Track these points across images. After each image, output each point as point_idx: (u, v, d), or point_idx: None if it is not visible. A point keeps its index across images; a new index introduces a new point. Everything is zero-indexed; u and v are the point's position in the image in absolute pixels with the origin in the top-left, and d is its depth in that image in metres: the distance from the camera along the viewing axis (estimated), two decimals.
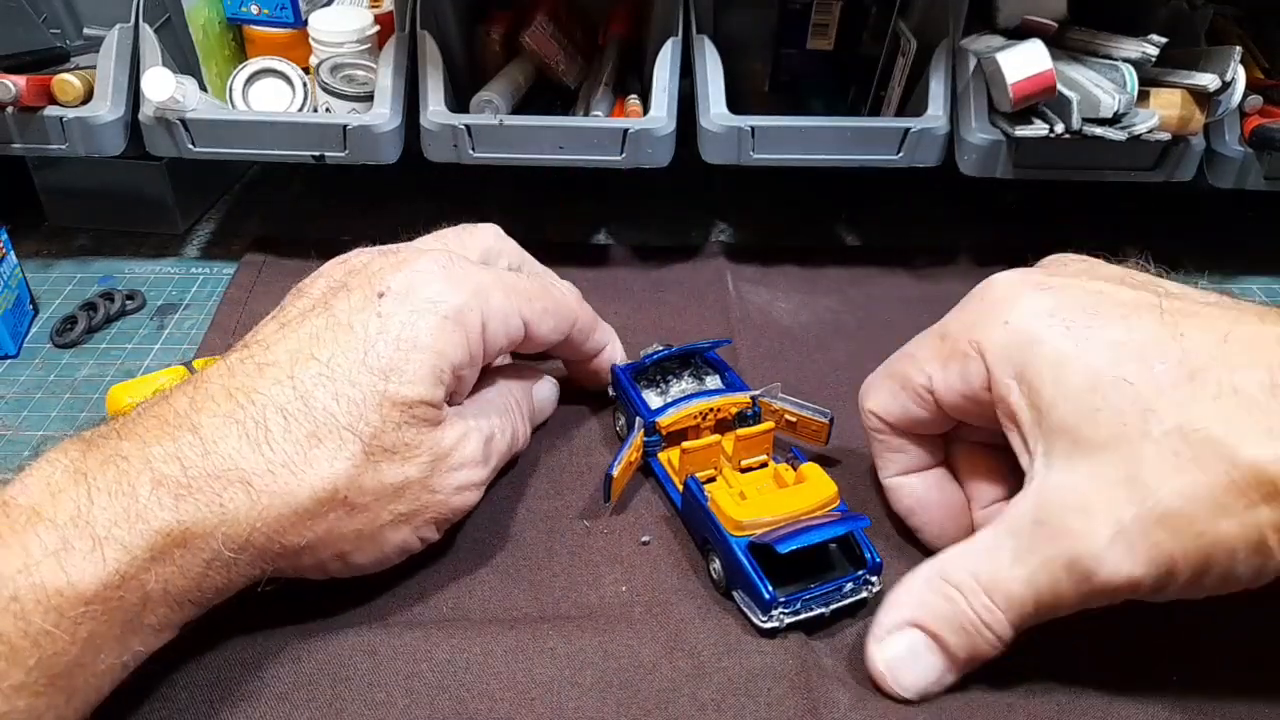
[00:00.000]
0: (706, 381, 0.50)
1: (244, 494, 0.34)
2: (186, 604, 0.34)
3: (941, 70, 0.59)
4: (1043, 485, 0.35)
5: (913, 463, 0.43)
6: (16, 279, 0.57)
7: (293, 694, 0.37)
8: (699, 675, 0.38)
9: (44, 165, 0.67)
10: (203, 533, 0.33)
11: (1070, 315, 0.36)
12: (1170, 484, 0.32)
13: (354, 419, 0.36)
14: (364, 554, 0.38)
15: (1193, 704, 0.37)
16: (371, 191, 0.74)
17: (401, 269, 0.40)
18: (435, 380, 0.38)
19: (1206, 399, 0.32)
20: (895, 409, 0.41)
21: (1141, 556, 0.33)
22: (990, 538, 0.36)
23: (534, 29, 0.64)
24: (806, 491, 0.42)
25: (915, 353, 0.41)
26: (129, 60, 0.59)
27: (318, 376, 0.37)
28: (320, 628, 0.39)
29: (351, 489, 0.36)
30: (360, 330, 0.38)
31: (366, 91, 0.60)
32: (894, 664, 0.37)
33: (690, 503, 0.43)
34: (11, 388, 0.54)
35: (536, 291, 0.44)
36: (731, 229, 0.72)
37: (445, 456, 0.39)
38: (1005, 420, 0.37)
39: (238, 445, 0.35)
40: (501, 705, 0.37)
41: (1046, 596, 0.35)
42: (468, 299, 0.40)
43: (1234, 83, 0.54)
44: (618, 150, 0.58)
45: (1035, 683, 0.38)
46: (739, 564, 0.39)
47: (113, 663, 0.32)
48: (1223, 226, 0.71)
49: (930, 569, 0.37)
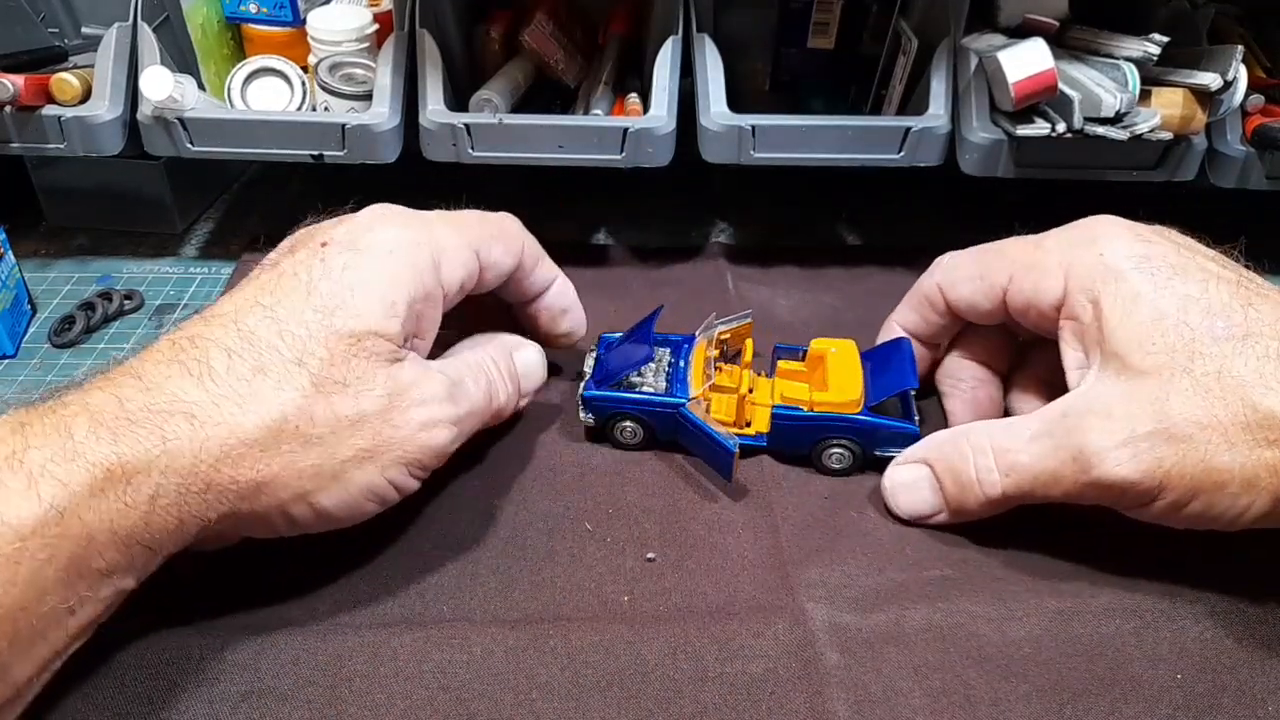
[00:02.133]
0: (664, 355, 0.50)
1: (186, 425, 0.34)
2: (136, 546, 0.33)
3: (943, 69, 0.59)
4: (1087, 389, 0.40)
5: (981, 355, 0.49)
6: (14, 279, 0.57)
7: (293, 694, 0.37)
8: (701, 678, 0.38)
9: (42, 165, 0.67)
10: (144, 466, 0.33)
11: (1157, 266, 0.40)
12: (1191, 412, 0.37)
13: (301, 352, 0.36)
14: (329, 495, 0.37)
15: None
16: (370, 191, 0.73)
17: (343, 222, 0.42)
18: (385, 313, 0.38)
19: (1252, 357, 0.37)
20: (964, 292, 0.46)
21: (1141, 464, 0.37)
22: (1019, 420, 0.42)
23: (534, 28, 0.64)
24: (828, 364, 0.48)
25: (1006, 250, 0.46)
26: (127, 59, 0.59)
27: (262, 319, 0.37)
28: (320, 628, 0.39)
29: (302, 419, 0.36)
30: (305, 276, 0.38)
31: (365, 90, 0.60)
32: (898, 487, 0.45)
33: (791, 421, 0.47)
34: (9, 388, 0.54)
35: (477, 220, 0.45)
36: (731, 229, 0.71)
37: (403, 391, 0.38)
38: (1069, 337, 0.42)
39: (180, 383, 0.35)
40: (502, 705, 0.37)
41: (1045, 477, 0.40)
42: (413, 234, 0.41)
43: (1236, 82, 0.54)
44: (618, 149, 0.58)
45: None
46: (882, 425, 0.46)
47: (59, 607, 0.31)
48: (1224, 226, 0.70)
49: (961, 429, 0.44)
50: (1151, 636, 0.40)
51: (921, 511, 0.44)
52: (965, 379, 0.50)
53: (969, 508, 0.43)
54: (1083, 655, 0.39)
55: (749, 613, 0.40)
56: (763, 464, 0.48)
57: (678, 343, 0.51)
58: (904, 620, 0.40)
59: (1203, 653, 0.39)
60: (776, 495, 0.46)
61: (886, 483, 0.45)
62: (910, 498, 0.44)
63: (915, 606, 0.41)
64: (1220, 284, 0.39)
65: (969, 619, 0.40)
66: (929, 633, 0.40)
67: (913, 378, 0.47)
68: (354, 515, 0.39)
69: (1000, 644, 0.39)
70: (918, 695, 0.37)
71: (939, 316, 0.49)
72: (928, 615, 0.40)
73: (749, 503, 0.46)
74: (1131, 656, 0.39)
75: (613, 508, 0.46)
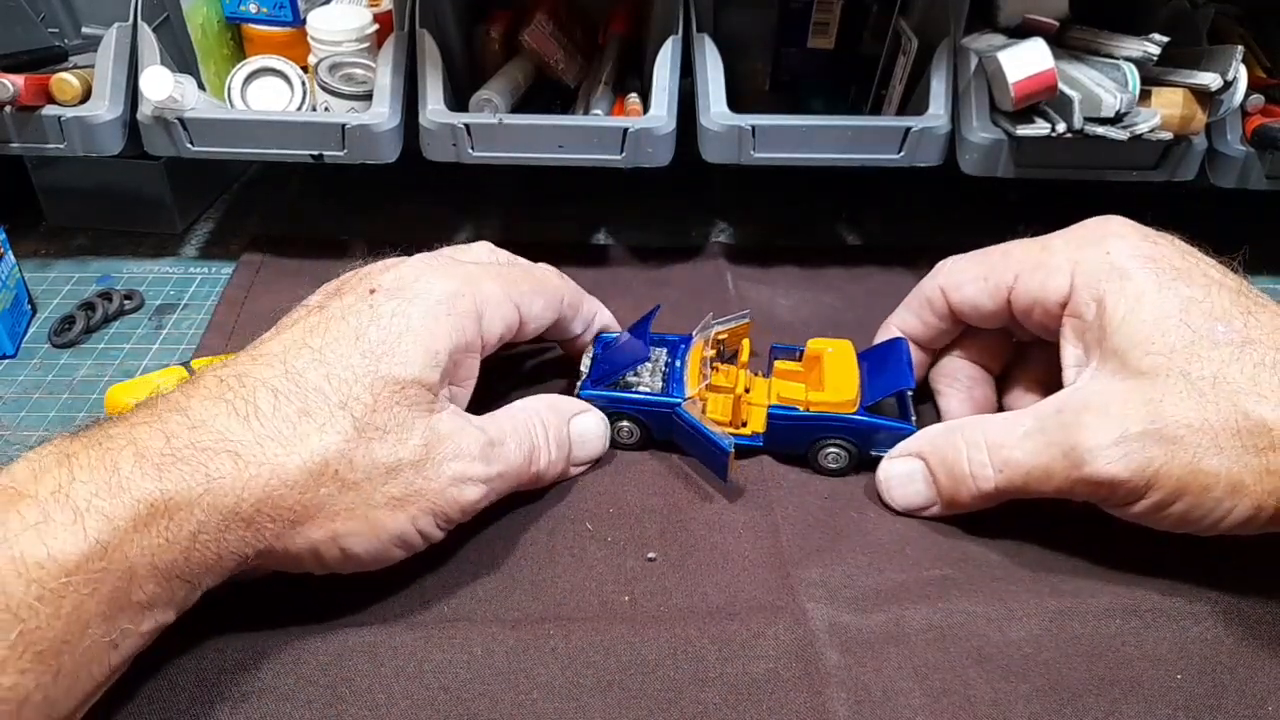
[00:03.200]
0: (661, 355, 0.50)
1: (231, 463, 0.34)
2: (176, 580, 0.33)
3: (943, 69, 0.59)
4: (1083, 386, 0.41)
5: (979, 357, 0.50)
6: (14, 279, 0.57)
7: (294, 694, 0.37)
8: (701, 678, 0.38)
9: (42, 165, 0.67)
10: (187, 502, 0.33)
11: (1162, 267, 0.41)
12: (1184, 414, 0.37)
13: (346, 396, 0.37)
14: (360, 540, 0.37)
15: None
16: (370, 191, 0.74)
17: (391, 269, 0.42)
18: (428, 362, 0.39)
19: (1248, 364, 0.37)
20: (969, 293, 0.46)
21: (1132, 463, 0.37)
22: (1014, 415, 0.43)
23: (533, 28, 0.64)
24: (825, 364, 0.48)
25: (1012, 251, 0.46)
26: (127, 59, 0.59)
27: (310, 361, 0.37)
28: (321, 628, 0.39)
29: (342, 464, 0.36)
30: (353, 320, 0.39)
31: (365, 90, 0.60)
32: (892, 480, 0.45)
33: (787, 421, 0.47)
34: (9, 388, 0.54)
35: (521, 275, 0.46)
36: (731, 229, 0.71)
37: (439, 442, 0.39)
38: (1070, 335, 0.43)
39: (226, 421, 0.35)
40: (502, 705, 0.37)
41: (1037, 472, 0.40)
42: (458, 286, 0.42)
43: (1236, 82, 0.54)
44: (618, 149, 0.58)
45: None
46: (878, 425, 0.46)
47: (100, 640, 0.32)
48: (1224, 227, 0.70)
49: (956, 423, 0.45)
50: (1152, 636, 0.40)
51: (915, 504, 0.45)
52: (961, 378, 0.50)
53: (961, 501, 0.43)
54: (1083, 655, 0.39)
55: (749, 613, 0.40)
56: (763, 464, 0.48)
57: (674, 343, 0.51)
58: (904, 620, 0.40)
59: (1203, 653, 0.39)
60: (777, 495, 0.46)
61: (881, 474, 0.46)
62: (904, 490, 0.45)
63: (915, 606, 0.41)
64: (1222, 290, 0.40)
65: (969, 619, 0.40)
66: (929, 633, 0.40)
67: (909, 378, 0.47)
68: (380, 561, 0.39)
69: (1000, 644, 0.39)
70: (918, 695, 0.37)
71: (938, 320, 0.49)
72: (928, 615, 0.40)
73: (749, 503, 0.46)
74: (1131, 656, 0.39)
75: (613, 508, 0.45)
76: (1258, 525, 0.38)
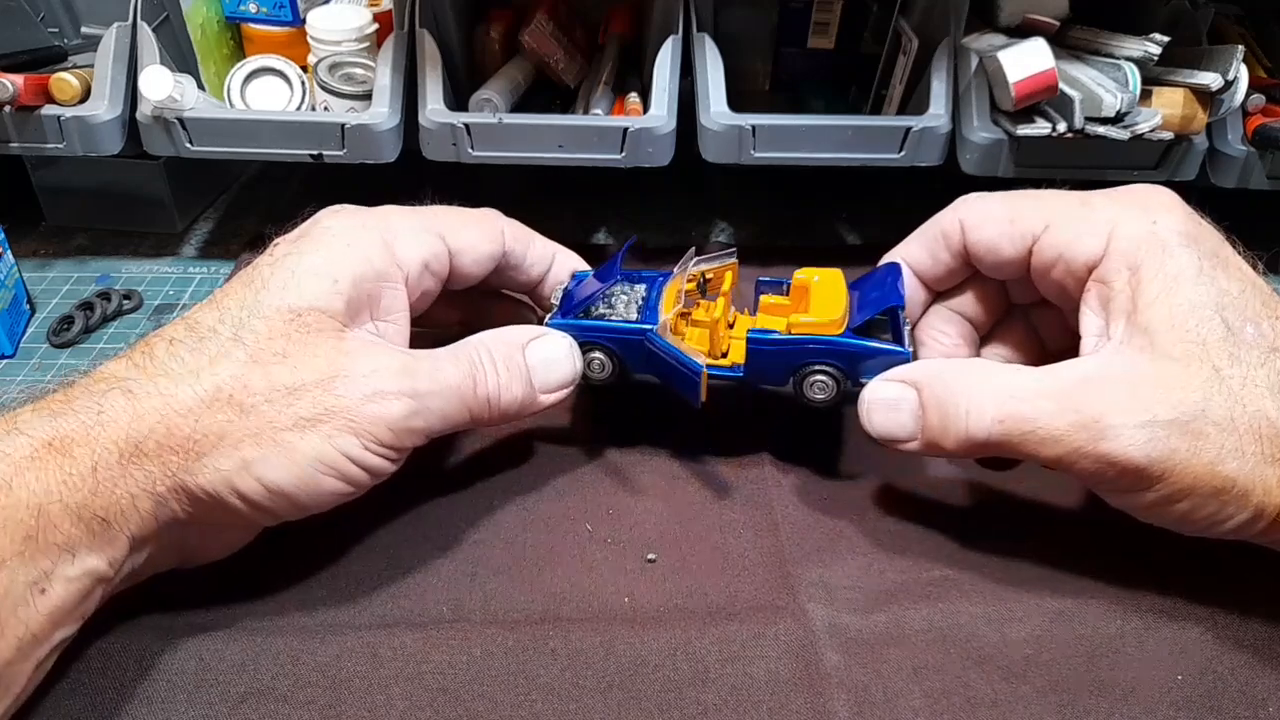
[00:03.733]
0: (639, 290, 0.48)
1: (122, 399, 0.35)
2: (93, 520, 0.33)
3: (943, 69, 0.59)
4: (1109, 358, 0.38)
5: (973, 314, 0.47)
6: (13, 278, 0.57)
7: (293, 695, 0.37)
8: (701, 679, 0.38)
9: (41, 164, 0.67)
10: (80, 437, 0.34)
11: (1205, 252, 0.39)
12: (1213, 410, 0.36)
13: (238, 328, 0.37)
14: (275, 467, 0.36)
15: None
16: (370, 191, 0.73)
17: (300, 227, 0.43)
18: (327, 290, 0.39)
19: (1273, 371, 0.37)
20: (989, 233, 0.44)
21: (1154, 450, 0.36)
22: (1028, 371, 0.39)
23: (533, 28, 0.64)
24: (811, 292, 0.45)
25: (1046, 198, 0.43)
26: (127, 59, 0.59)
27: (206, 310, 0.39)
28: (320, 629, 0.39)
29: (236, 388, 0.36)
30: (253, 272, 0.40)
31: (365, 90, 0.60)
32: (875, 402, 0.41)
33: (767, 345, 0.44)
34: (8, 387, 0.54)
35: (446, 210, 0.46)
36: (731, 229, 0.71)
37: (349, 360, 0.38)
38: (1095, 301, 0.40)
39: (122, 368, 0.37)
40: (501, 706, 0.37)
41: (1044, 434, 0.37)
42: (361, 220, 0.42)
43: (1236, 82, 0.54)
44: (618, 149, 0.58)
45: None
46: (866, 348, 0.43)
47: (23, 581, 0.32)
48: (1224, 227, 0.70)
49: (962, 361, 0.43)
50: (1152, 637, 0.39)
51: (893, 434, 0.41)
52: (950, 333, 0.47)
53: (944, 443, 0.39)
54: (1083, 656, 0.39)
55: (749, 613, 0.40)
56: (763, 464, 0.48)
57: (653, 277, 0.48)
58: (904, 620, 0.40)
59: (1203, 653, 0.39)
60: (777, 495, 0.46)
61: (866, 394, 0.42)
62: (886, 417, 0.41)
63: (915, 607, 0.41)
64: (1255, 289, 0.39)
65: (969, 619, 0.40)
66: (929, 633, 0.40)
67: (899, 296, 0.44)
68: (312, 492, 0.37)
69: (1000, 644, 0.39)
70: (918, 696, 0.37)
71: (950, 257, 0.46)
72: (928, 615, 0.40)
73: (749, 503, 0.46)
74: (1131, 657, 0.39)
75: (613, 508, 0.45)
76: (1248, 535, 0.37)
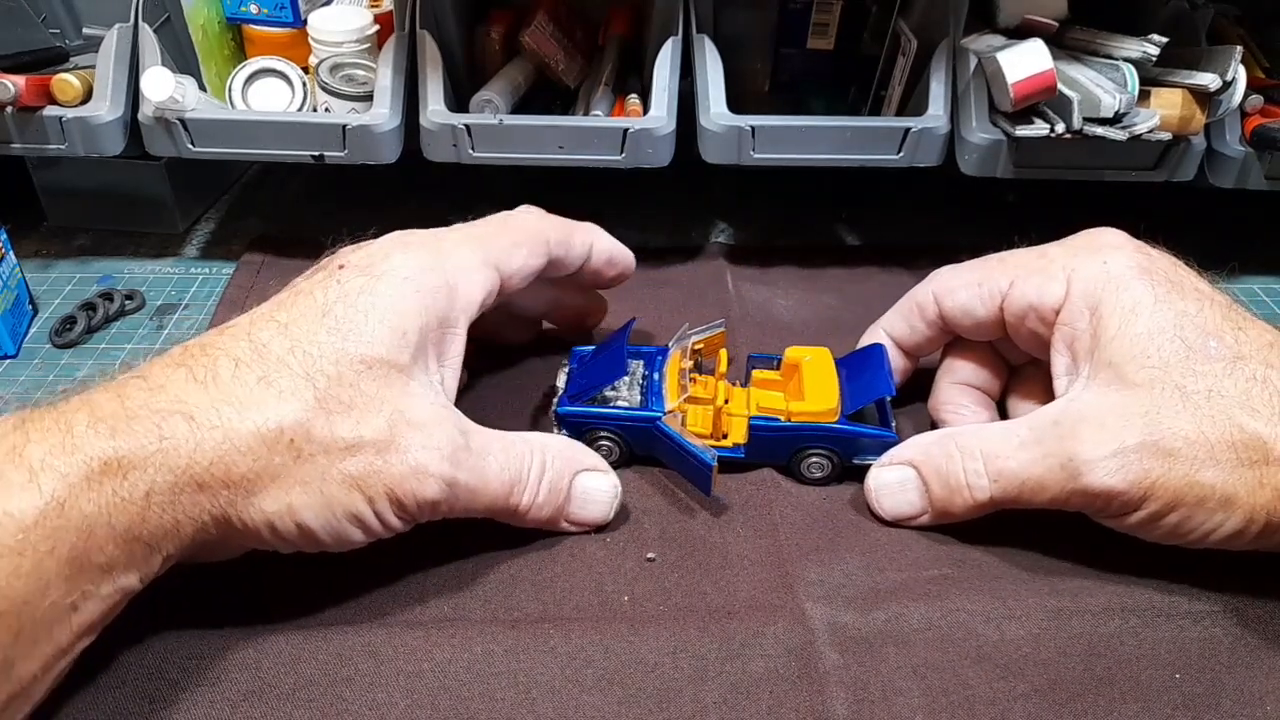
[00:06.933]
0: (638, 368, 0.49)
1: (184, 425, 0.34)
2: (135, 542, 0.33)
3: (942, 70, 0.59)
4: (1077, 396, 0.41)
5: (975, 380, 0.49)
6: (16, 279, 0.57)
7: (294, 694, 0.37)
8: (701, 678, 0.38)
9: (43, 165, 0.67)
10: (140, 460, 0.33)
11: (1157, 280, 0.41)
12: (1181, 427, 0.38)
13: (309, 368, 0.36)
14: (313, 513, 0.36)
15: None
16: (371, 191, 0.74)
17: (361, 248, 0.42)
18: (395, 342, 0.38)
19: (1240, 379, 0.38)
20: (961, 298, 0.47)
21: (1129, 475, 0.38)
22: (1008, 425, 0.43)
23: (534, 28, 0.64)
24: (803, 373, 0.47)
25: (1007, 258, 0.47)
26: (128, 60, 0.59)
27: (274, 333, 0.37)
28: (320, 628, 0.39)
29: (298, 433, 0.35)
30: (320, 296, 0.39)
31: (366, 91, 0.60)
32: (882, 488, 0.44)
33: (768, 432, 0.46)
34: (10, 388, 0.54)
35: (496, 231, 0.45)
36: (731, 229, 0.72)
37: (409, 429, 0.37)
38: (1061, 344, 0.43)
39: (183, 386, 0.35)
40: (502, 705, 0.37)
41: (1033, 483, 0.40)
42: (427, 260, 0.41)
43: (1235, 82, 0.54)
44: (618, 150, 0.58)
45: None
46: (860, 433, 0.46)
47: (61, 602, 0.32)
48: (1223, 227, 0.70)
49: (948, 431, 0.45)
50: (1150, 636, 0.40)
51: (905, 513, 0.44)
52: (966, 404, 0.49)
53: (954, 510, 0.43)
54: (1081, 654, 0.39)
55: (749, 612, 0.40)
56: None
57: (651, 354, 0.50)
58: (903, 620, 0.40)
59: (1201, 652, 0.39)
60: (776, 495, 0.46)
61: (871, 482, 0.45)
62: (895, 499, 0.44)
63: (915, 606, 0.41)
64: (1213, 305, 0.40)
65: (968, 618, 0.40)
66: (928, 632, 0.40)
67: (890, 385, 0.46)
68: (338, 539, 0.37)
69: (999, 643, 0.39)
70: (917, 694, 0.37)
71: (926, 327, 0.49)
72: (927, 615, 0.40)
73: (749, 502, 0.46)
74: (1130, 656, 0.39)
75: None
76: (1246, 540, 0.38)
